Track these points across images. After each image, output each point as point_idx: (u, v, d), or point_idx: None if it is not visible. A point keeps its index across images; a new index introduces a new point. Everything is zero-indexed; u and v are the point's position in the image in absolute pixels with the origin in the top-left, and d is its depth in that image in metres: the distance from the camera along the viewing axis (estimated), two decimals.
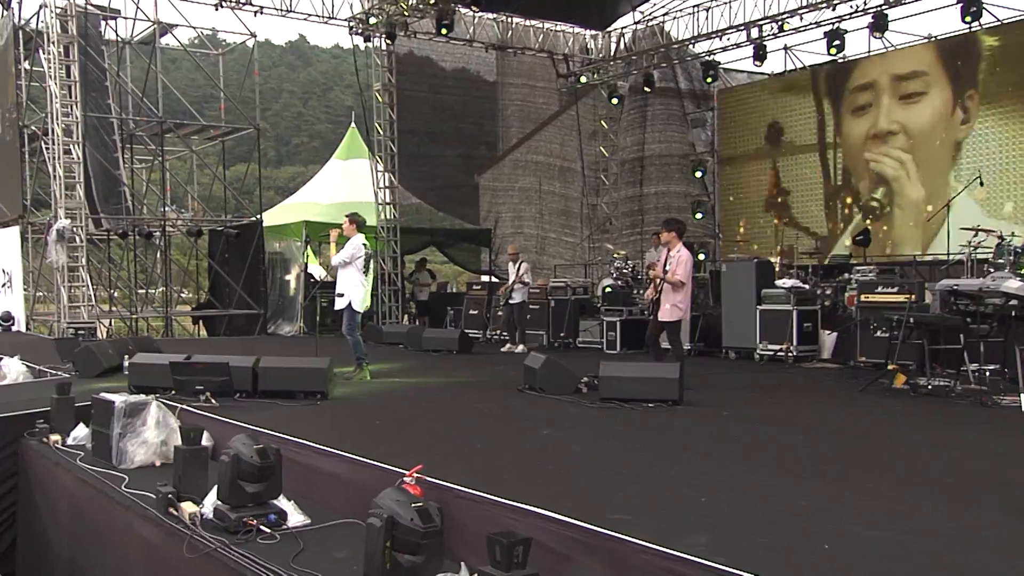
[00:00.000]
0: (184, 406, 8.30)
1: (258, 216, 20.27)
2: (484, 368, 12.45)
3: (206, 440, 7.10)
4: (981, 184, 13.10)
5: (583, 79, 22.16)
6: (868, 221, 17.32)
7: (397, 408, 8.85)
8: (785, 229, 19.00)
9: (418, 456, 6.13)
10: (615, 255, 17.54)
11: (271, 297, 20.62)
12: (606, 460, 6.06)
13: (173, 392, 9.00)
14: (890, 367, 9.35)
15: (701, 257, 17.60)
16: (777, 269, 14.07)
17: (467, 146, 22.06)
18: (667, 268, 9.84)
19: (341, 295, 10.76)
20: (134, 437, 7.27)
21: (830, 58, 19.96)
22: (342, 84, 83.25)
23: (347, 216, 11.06)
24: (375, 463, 5.78)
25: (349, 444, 6.45)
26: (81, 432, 8.07)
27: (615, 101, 21.54)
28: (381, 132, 19.99)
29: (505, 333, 16.22)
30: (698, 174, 21.70)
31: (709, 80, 19.62)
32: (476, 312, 17.69)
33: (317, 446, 6.38)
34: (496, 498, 4.77)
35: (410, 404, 9.14)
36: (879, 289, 11.53)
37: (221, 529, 5.29)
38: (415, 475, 5.19)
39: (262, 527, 5.24)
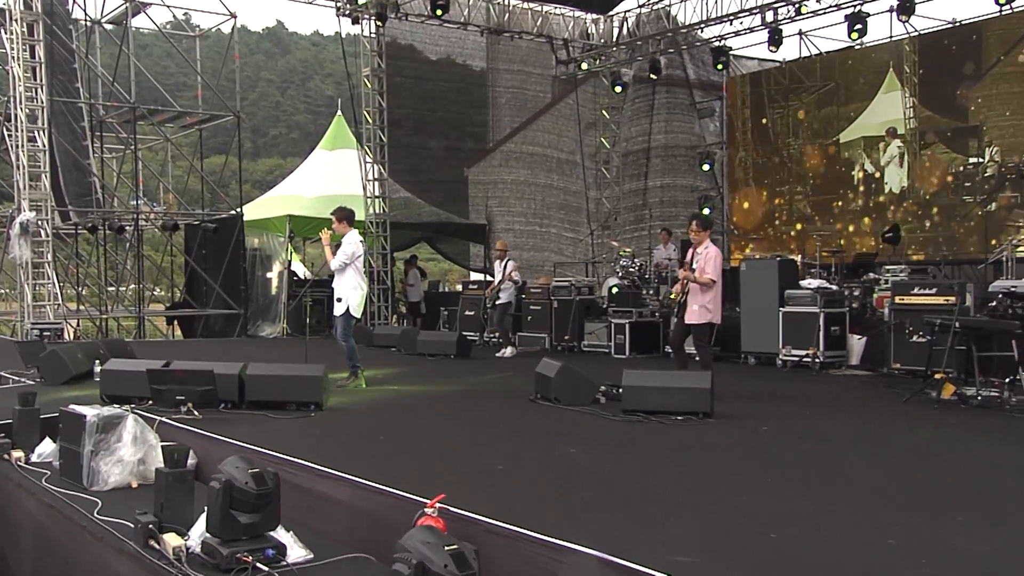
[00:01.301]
0: (163, 419, 7.77)
1: (238, 210, 19.67)
2: (487, 374, 11.93)
3: (190, 460, 6.56)
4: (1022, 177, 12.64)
5: (584, 66, 21.66)
6: (898, 218, 16.83)
7: (400, 420, 8.33)
8: (803, 227, 18.58)
9: (433, 478, 5.63)
10: (621, 253, 17.04)
11: (252, 296, 20.01)
12: (647, 485, 5.55)
13: (150, 402, 8.47)
14: (937, 376, 8.88)
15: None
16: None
17: (455, 137, 21.51)
18: (694, 266, 9.35)
19: (340, 299, 10.27)
20: (108, 455, 6.70)
21: (847, 44, 19.60)
22: (322, 73, 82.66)
23: (334, 213, 10.51)
24: (387, 489, 5.26)
25: (352, 464, 5.94)
26: (47, 448, 7.50)
27: (618, 89, 21.04)
28: (370, 121, 19.42)
29: (500, 336, 15.72)
30: (706, 167, 21.25)
31: (720, 67, 19.14)
32: (472, 313, 17.16)
33: (318, 468, 5.85)
34: (534, 534, 4.26)
35: (414, 416, 8.62)
36: (916, 290, 11.07)
37: (211, 566, 4.75)
38: (437, 505, 4.67)
39: (258, 564, 4.69)
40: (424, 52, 20.88)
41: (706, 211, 21.27)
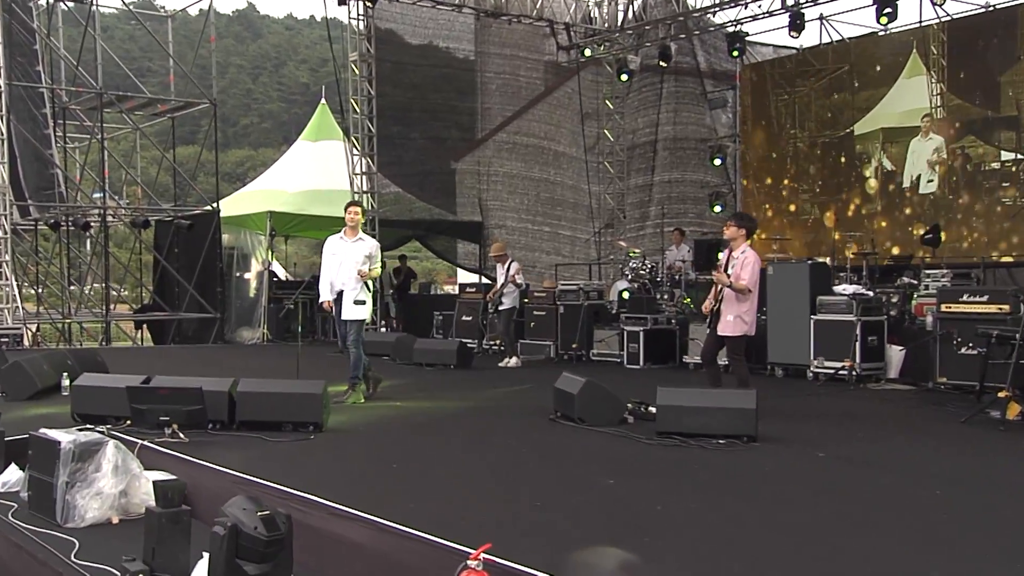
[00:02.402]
0: (145, 442, 7.29)
1: (214, 205, 19.14)
2: (494, 388, 11.48)
3: None
4: None
5: (587, 52, 21.22)
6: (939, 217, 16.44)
7: (411, 443, 7.87)
8: (825, 227, 18.24)
9: (463, 517, 5.21)
10: (630, 254, 16.62)
11: (228, 299, 19.49)
12: (711, 526, 5.12)
13: (128, 423, 7.99)
14: (1001, 394, 8.50)
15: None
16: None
17: (440, 127, 20.97)
18: (729, 271, 8.92)
19: (362, 302, 9.91)
20: (86, 487, 6.23)
21: (871, 29, 19.28)
22: (296, 59, 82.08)
23: (355, 205, 10.25)
24: (415, 533, 4.80)
25: (368, 498, 5.50)
26: (13, 476, 7.02)
27: (624, 78, 20.61)
28: (358, 110, 18.91)
29: (504, 344, 15.30)
30: (717, 161, 20.86)
31: (735, 53, 18.75)
32: (470, 318, 16.71)
33: (330, 504, 5.38)
34: None
35: (425, 438, 8.16)
36: (965, 298, 10.69)
37: None
38: (483, 556, 4.21)
39: None
40: (404, 36, 20.35)
41: (717, 208, 20.97)
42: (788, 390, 11.28)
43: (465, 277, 38.94)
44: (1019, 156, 16.25)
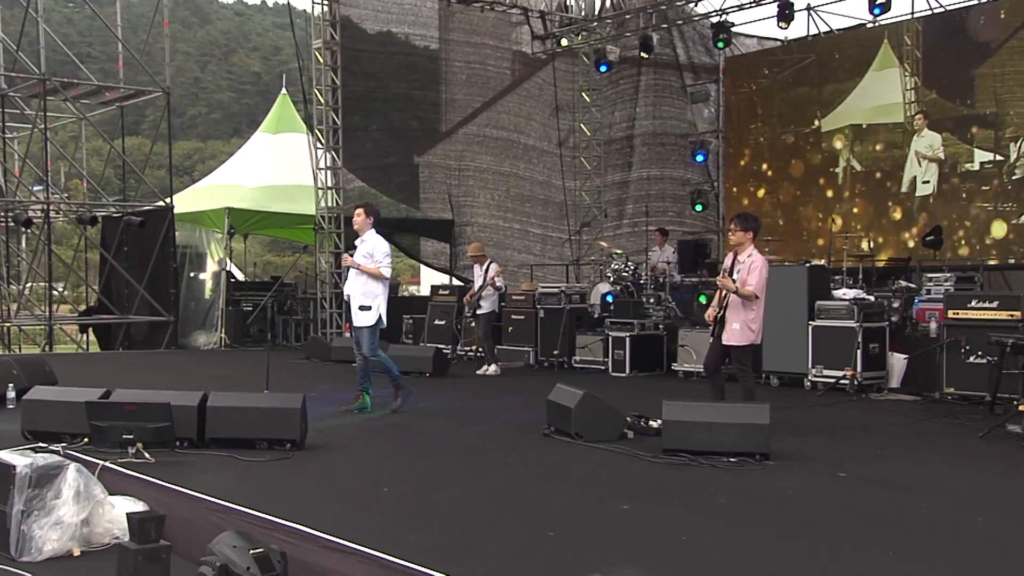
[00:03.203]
0: (106, 463, 6.89)
1: (167, 201, 18.63)
2: (479, 399, 11.18)
3: None
4: None
5: (564, 42, 20.96)
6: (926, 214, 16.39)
7: (397, 462, 7.54)
8: (812, 228, 18.17)
9: (471, 549, 4.93)
10: (612, 254, 16.41)
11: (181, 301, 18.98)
12: (745, 560, 4.86)
13: (85, 440, 7.59)
14: (1022, 408, 8.35)
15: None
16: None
17: (402, 120, 20.53)
18: (735, 276, 8.69)
19: (367, 308, 9.76)
20: (44, 516, 5.85)
21: (859, 21, 19.27)
22: (247, 46, 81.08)
23: (363, 207, 10.22)
24: (423, 571, 4.48)
25: (363, 528, 5.19)
26: None
27: (604, 69, 20.37)
28: (322, 101, 18.49)
29: (481, 351, 15.00)
30: (699, 158, 20.72)
31: (721, 44, 18.58)
32: (443, 323, 16.37)
33: (327, 537, 5.04)
34: None
35: (412, 455, 7.83)
36: (973, 304, 10.57)
37: None
38: None
39: None
40: (361, 24, 19.91)
41: (699, 208, 20.83)
42: (788, 400, 11.03)
43: (429, 276, 38.74)
44: (998, 157, 16.23)
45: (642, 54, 19.61)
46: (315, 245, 18.42)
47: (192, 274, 19.55)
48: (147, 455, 7.10)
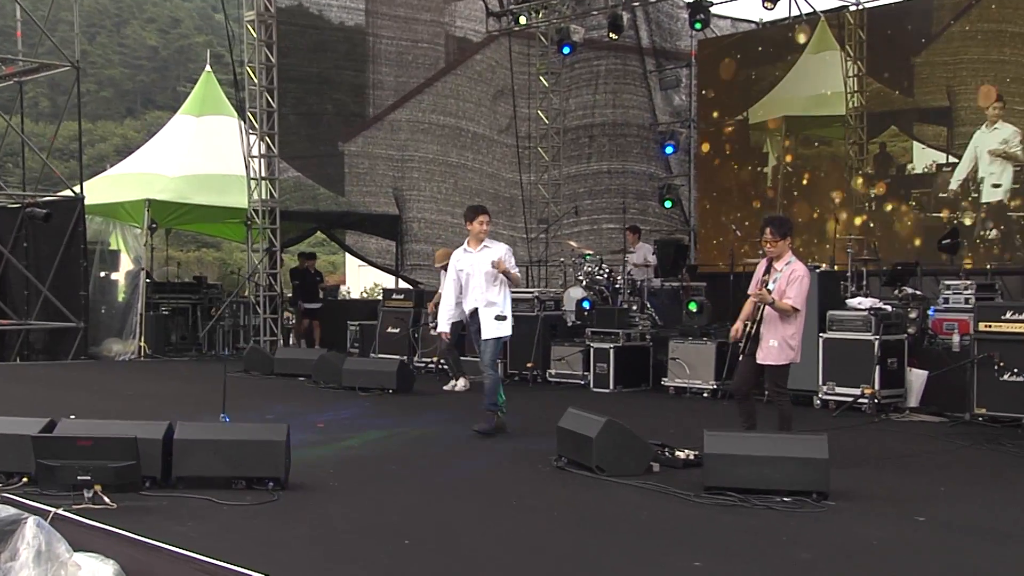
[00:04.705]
0: (59, 510, 6.17)
1: (76, 191, 17.65)
2: (461, 422, 10.59)
3: None
4: None
5: (521, 19, 20.45)
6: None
7: (403, 504, 6.91)
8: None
9: None
10: (585, 256, 15.97)
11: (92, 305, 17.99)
12: None
13: (24, 480, 6.89)
14: None
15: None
16: None
17: (319, 103, 19.62)
18: (770, 287, 8.27)
19: (503, 317, 9.70)
20: None
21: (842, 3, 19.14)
22: (142, 17, 78.82)
23: (480, 208, 10.03)
24: None
25: None
26: None
27: (567, 51, 19.91)
28: (255, 80, 17.68)
29: (444, 363, 14.46)
30: (669, 150, 20.46)
31: (699, 26, 18.28)
32: (397, 331, 15.74)
33: None
34: None
35: (416, 494, 7.22)
36: (1008, 315, 10.35)
37: None
38: None
39: None
40: None
41: (667, 204, 20.61)
42: (802, 422, 10.65)
43: (354, 275, 37.96)
44: (950, 159, 16.21)
45: (611, 35, 19.20)
46: (247, 242, 17.68)
47: (103, 274, 18.54)
48: (107, 499, 6.41)
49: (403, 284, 19.84)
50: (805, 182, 18.31)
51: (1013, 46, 15.83)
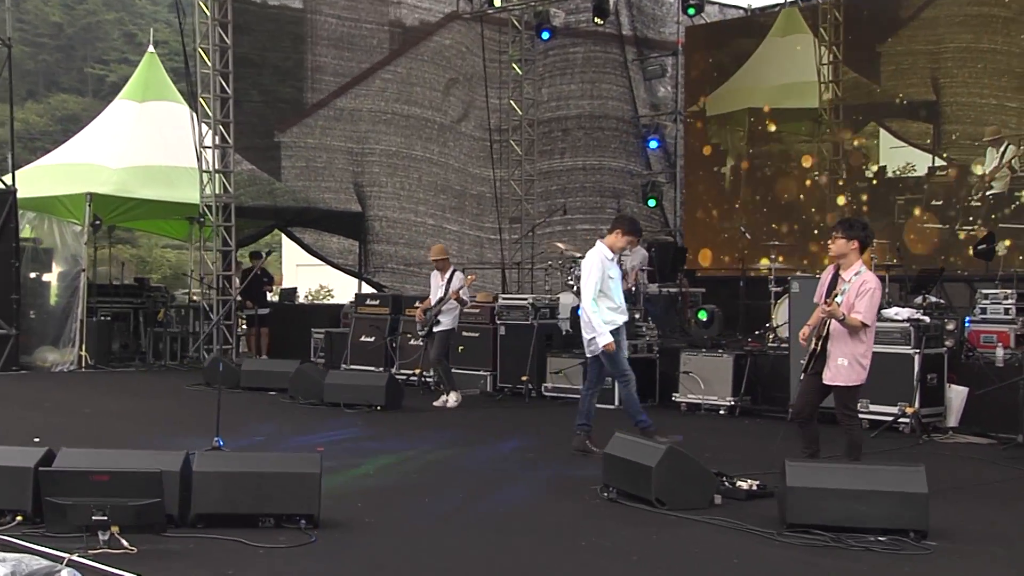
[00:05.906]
0: (74, 556, 5.67)
1: (7, 182, 16.86)
2: (472, 445, 10.19)
3: None
4: None
5: (496, 2, 20.05)
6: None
7: (455, 542, 6.50)
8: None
9: None
10: (574, 259, 15.59)
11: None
12: None
13: (17, 519, 6.38)
14: None
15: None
16: None
17: (257, 90, 19.00)
18: (838, 299, 7.96)
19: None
20: None
21: None
22: None
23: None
24: None
25: None
26: None
27: (546, 36, 19.58)
28: (208, 62, 17.09)
29: (428, 376, 14.06)
30: (653, 144, 20.24)
31: (692, 11, 18.08)
32: (371, 339, 15.26)
33: None
34: None
35: (464, 529, 6.84)
36: None
37: None
38: None
39: None
40: None
41: (651, 203, 20.40)
42: (832, 445, 10.35)
43: (293, 275, 37.14)
44: (938, 161, 16.11)
45: (596, 20, 18.95)
46: (199, 241, 17.09)
47: (33, 275, 17.73)
48: (124, 543, 5.90)
49: (367, 288, 19.37)
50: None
51: (1006, 34, 15.80)
